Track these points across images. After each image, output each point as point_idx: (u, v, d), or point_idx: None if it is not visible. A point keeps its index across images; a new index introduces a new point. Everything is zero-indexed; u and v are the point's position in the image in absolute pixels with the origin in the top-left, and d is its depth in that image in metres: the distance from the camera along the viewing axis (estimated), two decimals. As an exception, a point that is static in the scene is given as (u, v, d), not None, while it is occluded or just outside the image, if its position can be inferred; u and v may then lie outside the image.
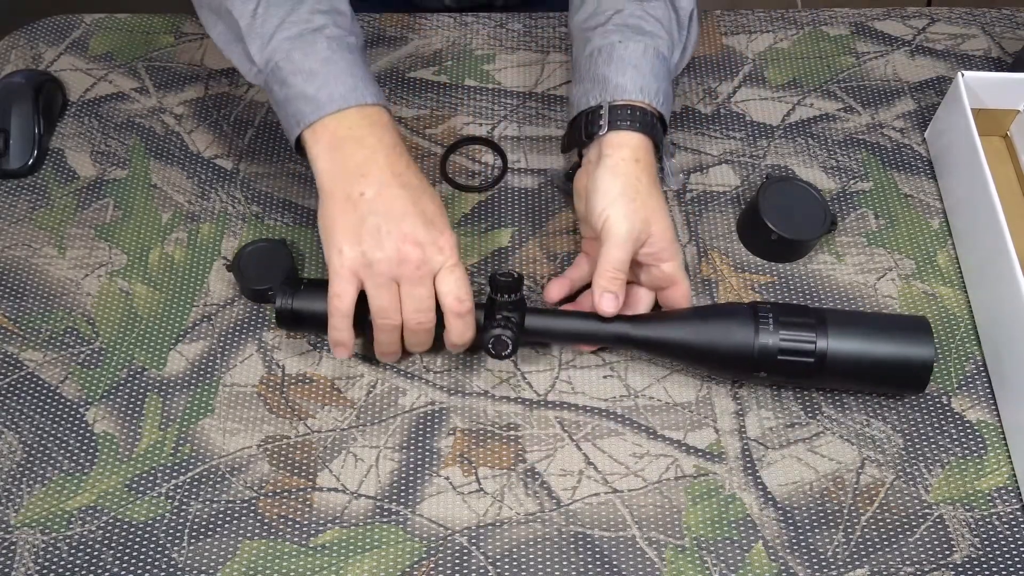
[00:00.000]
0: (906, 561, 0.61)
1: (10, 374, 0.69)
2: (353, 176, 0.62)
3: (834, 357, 0.63)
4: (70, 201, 0.78)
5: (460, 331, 0.63)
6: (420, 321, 0.63)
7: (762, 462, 0.65)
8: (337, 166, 0.63)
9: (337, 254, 0.61)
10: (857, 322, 0.64)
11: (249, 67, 0.67)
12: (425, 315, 0.63)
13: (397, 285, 0.62)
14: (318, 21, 0.65)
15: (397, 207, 0.61)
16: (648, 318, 0.66)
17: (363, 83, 0.65)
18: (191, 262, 0.75)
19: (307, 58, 0.64)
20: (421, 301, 0.62)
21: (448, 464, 0.66)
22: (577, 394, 0.68)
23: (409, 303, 0.62)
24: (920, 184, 0.78)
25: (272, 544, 0.62)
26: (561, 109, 0.83)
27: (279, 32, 0.64)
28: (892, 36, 0.88)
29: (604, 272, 0.63)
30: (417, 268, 0.61)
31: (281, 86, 0.64)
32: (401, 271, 0.61)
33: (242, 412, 0.68)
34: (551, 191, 0.78)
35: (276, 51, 0.64)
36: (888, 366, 0.63)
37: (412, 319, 0.63)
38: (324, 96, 0.63)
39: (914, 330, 0.64)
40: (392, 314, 0.62)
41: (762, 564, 0.61)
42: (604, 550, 0.62)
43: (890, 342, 0.63)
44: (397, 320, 0.63)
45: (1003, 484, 0.64)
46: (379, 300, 0.62)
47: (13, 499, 0.64)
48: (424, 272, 0.61)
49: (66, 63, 0.87)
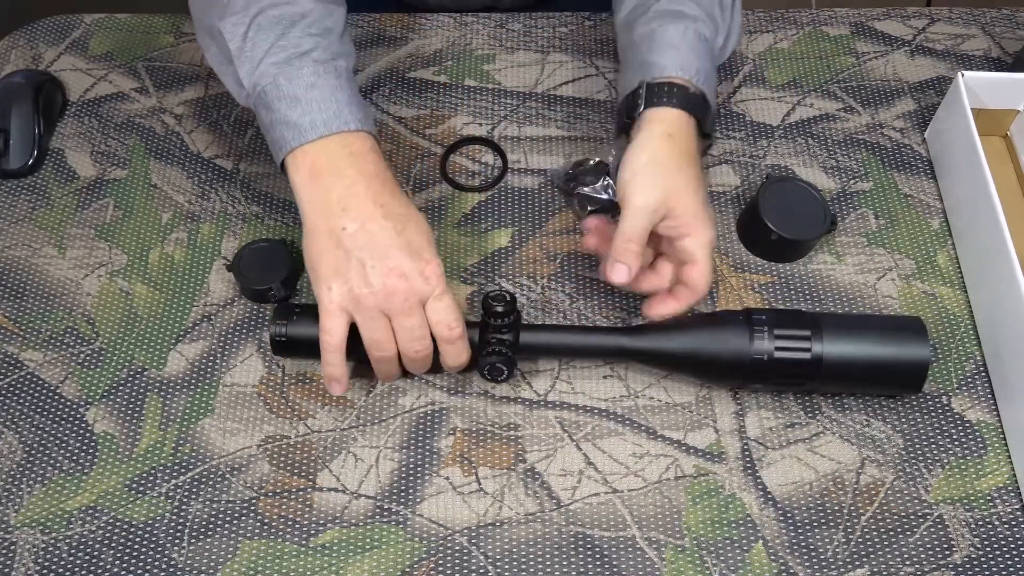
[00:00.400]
0: (906, 561, 0.61)
1: (10, 374, 0.69)
2: (335, 210, 0.62)
3: (830, 362, 0.63)
4: (70, 201, 0.78)
5: (454, 355, 0.64)
6: (417, 349, 0.63)
7: (762, 462, 0.65)
8: (318, 199, 0.62)
9: (326, 291, 0.61)
10: (852, 326, 0.64)
11: (239, 90, 0.67)
12: (420, 343, 0.63)
13: (388, 317, 0.62)
14: (306, 45, 0.64)
15: (381, 240, 0.61)
16: (643, 330, 0.66)
17: (346, 108, 0.64)
18: (191, 262, 0.75)
19: (291, 83, 0.63)
20: (414, 330, 0.62)
21: (448, 464, 0.66)
22: (577, 394, 0.68)
23: (403, 334, 0.62)
24: (920, 184, 0.78)
25: (272, 544, 0.62)
26: (561, 109, 0.83)
27: (268, 57, 0.64)
28: (892, 36, 0.88)
29: (617, 242, 0.64)
30: (405, 300, 0.61)
31: (267, 111, 0.64)
32: (390, 305, 0.61)
33: (242, 412, 0.68)
34: (551, 191, 0.78)
35: (263, 76, 0.64)
36: (885, 369, 0.63)
37: (408, 348, 0.63)
38: (306, 123, 0.63)
39: (909, 331, 0.64)
40: (386, 345, 0.62)
41: (762, 564, 0.61)
42: (604, 550, 0.62)
43: (886, 345, 0.63)
44: (392, 351, 0.63)
45: (1003, 484, 0.64)
46: (371, 333, 0.62)
47: (13, 499, 0.64)
48: (413, 303, 0.61)
49: (66, 63, 0.87)
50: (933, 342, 0.70)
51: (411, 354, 0.63)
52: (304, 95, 0.63)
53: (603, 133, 0.81)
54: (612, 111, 0.83)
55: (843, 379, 0.64)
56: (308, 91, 0.63)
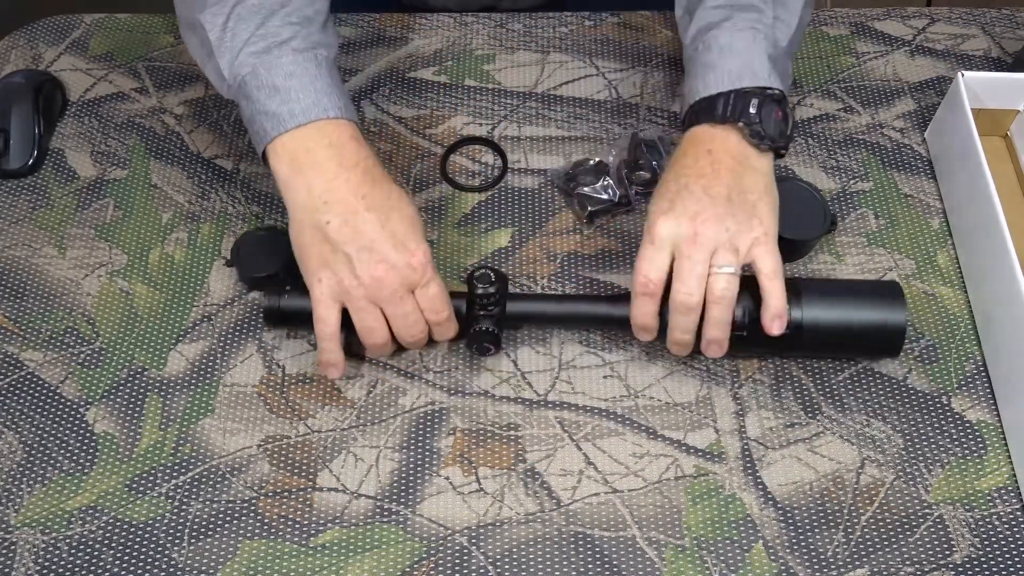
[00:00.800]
0: (906, 561, 0.61)
1: (10, 374, 0.69)
2: (317, 205, 0.62)
3: (810, 326, 0.64)
4: (70, 201, 0.78)
5: (442, 334, 0.66)
6: (412, 334, 0.64)
7: (762, 462, 0.65)
8: (301, 194, 0.62)
9: (316, 283, 0.62)
10: (831, 291, 0.66)
11: (221, 83, 0.66)
12: (415, 327, 0.64)
13: (379, 306, 0.62)
14: (285, 34, 0.64)
15: (366, 233, 0.61)
16: (627, 298, 0.66)
17: (326, 96, 0.64)
18: (191, 262, 0.75)
19: (270, 73, 0.63)
20: (407, 317, 0.63)
21: (448, 464, 0.66)
22: (577, 394, 0.68)
23: (396, 321, 0.63)
24: (920, 184, 0.78)
25: (272, 544, 0.62)
26: (561, 109, 0.83)
27: (247, 47, 0.64)
28: (892, 36, 0.88)
29: (635, 273, 0.63)
30: (394, 291, 0.61)
31: (247, 101, 0.64)
32: (379, 295, 0.62)
33: (242, 412, 0.68)
34: (551, 191, 0.78)
35: (243, 66, 0.64)
36: (863, 333, 0.65)
37: (403, 333, 0.64)
38: (285, 112, 0.63)
39: (886, 295, 0.65)
40: (379, 332, 0.63)
41: (762, 564, 0.61)
42: (604, 550, 0.62)
43: (864, 309, 0.65)
44: (385, 336, 0.64)
45: (1003, 484, 0.64)
46: (363, 322, 0.63)
47: (13, 499, 0.64)
48: (402, 292, 0.62)
49: (66, 63, 0.87)
50: (933, 342, 0.70)
51: (407, 338, 0.64)
52: (283, 84, 0.63)
53: (603, 133, 0.81)
54: (612, 111, 0.83)
55: (822, 344, 0.66)
56: (287, 80, 0.63)
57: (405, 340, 0.64)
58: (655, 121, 0.82)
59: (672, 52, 0.87)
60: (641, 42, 0.88)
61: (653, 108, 0.83)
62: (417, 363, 0.70)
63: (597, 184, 0.76)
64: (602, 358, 0.70)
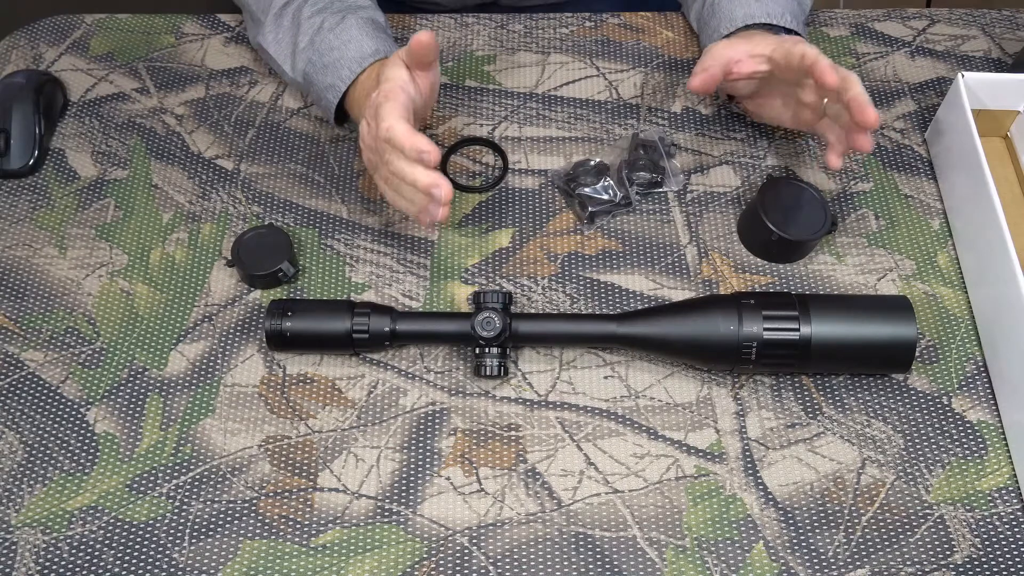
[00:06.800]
0: (907, 561, 0.61)
1: (11, 374, 0.69)
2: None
3: (818, 342, 0.64)
4: (71, 201, 0.78)
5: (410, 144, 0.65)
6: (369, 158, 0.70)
7: (763, 462, 0.65)
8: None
9: None
10: (839, 306, 0.65)
11: (297, 84, 0.79)
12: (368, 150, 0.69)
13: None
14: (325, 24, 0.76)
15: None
16: (633, 316, 0.67)
17: (345, 66, 0.75)
18: (192, 262, 0.75)
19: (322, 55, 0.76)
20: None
21: (449, 464, 0.66)
22: (578, 394, 0.68)
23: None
24: (920, 185, 0.79)
25: (273, 544, 0.62)
26: (562, 110, 0.83)
27: (299, 44, 0.77)
28: (892, 37, 0.88)
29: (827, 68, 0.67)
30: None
31: (311, 87, 0.78)
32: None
33: (243, 412, 0.68)
34: (552, 191, 0.78)
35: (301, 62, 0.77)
36: (873, 348, 0.65)
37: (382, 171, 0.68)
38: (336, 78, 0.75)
39: (896, 310, 0.65)
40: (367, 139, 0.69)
41: (763, 564, 0.61)
42: (605, 550, 0.62)
43: (873, 324, 0.64)
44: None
45: (1003, 484, 0.64)
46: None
47: (14, 499, 0.64)
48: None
49: (67, 63, 0.87)
50: (933, 342, 0.70)
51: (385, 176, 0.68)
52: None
53: (603, 134, 0.81)
54: (612, 112, 0.83)
55: (832, 359, 0.65)
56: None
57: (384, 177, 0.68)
58: (655, 121, 0.82)
59: (672, 53, 0.87)
60: (641, 43, 0.88)
61: (653, 108, 0.83)
62: (418, 363, 0.70)
63: (598, 184, 0.76)
64: (603, 358, 0.70)
